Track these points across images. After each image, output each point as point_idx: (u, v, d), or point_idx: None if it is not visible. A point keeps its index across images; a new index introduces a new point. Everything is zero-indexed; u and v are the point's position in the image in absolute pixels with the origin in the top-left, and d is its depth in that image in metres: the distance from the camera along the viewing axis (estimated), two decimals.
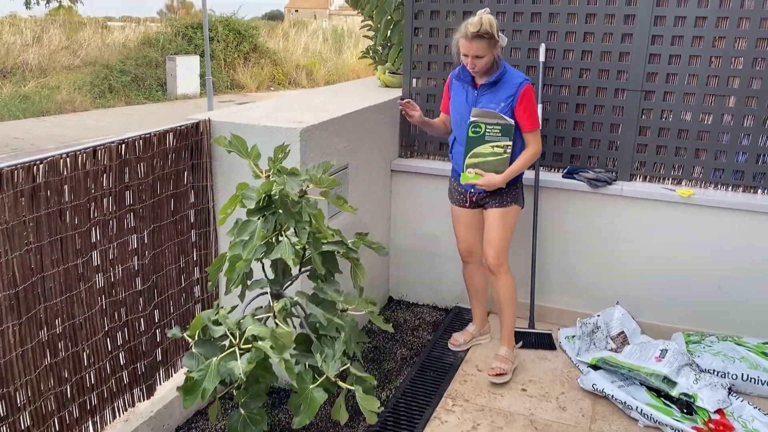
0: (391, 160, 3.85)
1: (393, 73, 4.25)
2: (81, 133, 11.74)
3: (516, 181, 3.11)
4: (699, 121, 3.32)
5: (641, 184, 3.45)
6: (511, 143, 2.97)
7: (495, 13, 3.44)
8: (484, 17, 2.83)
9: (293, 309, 2.19)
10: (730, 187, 3.35)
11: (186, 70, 16.44)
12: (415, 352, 3.45)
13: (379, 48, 4.74)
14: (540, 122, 3.19)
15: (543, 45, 3.44)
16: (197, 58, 16.74)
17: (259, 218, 2.14)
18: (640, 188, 3.40)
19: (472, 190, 3.12)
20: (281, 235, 2.20)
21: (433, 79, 3.79)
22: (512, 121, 2.94)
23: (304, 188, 2.17)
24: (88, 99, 14.58)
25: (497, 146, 2.97)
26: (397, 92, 3.93)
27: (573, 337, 3.44)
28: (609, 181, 3.42)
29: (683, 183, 3.42)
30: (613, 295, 3.55)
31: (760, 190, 3.30)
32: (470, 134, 2.98)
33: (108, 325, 2.45)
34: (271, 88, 18.71)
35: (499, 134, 2.95)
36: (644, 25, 3.29)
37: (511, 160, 3.01)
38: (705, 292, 3.41)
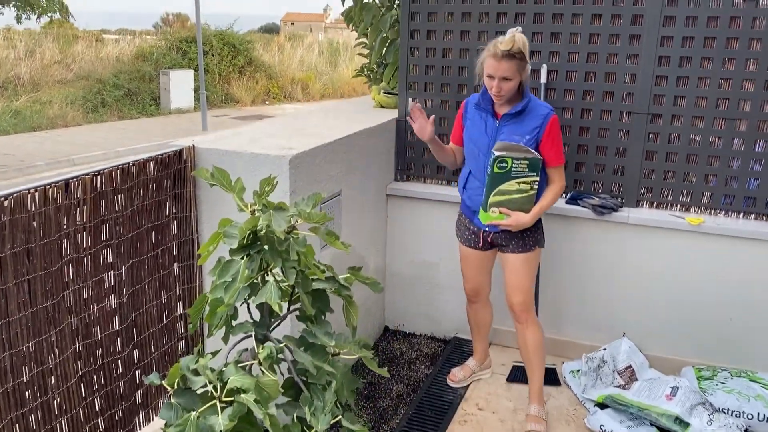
0: (387, 185, 3.69)
1: (388, 93, 4.10)
2: (72, 149, 11.57)
3: (538, 222, 2.85)
4: (708, 146, 3.17)
5: (648, 211, 3.30)
6: (538, 179, 2.69)
7: (494, 33, 3.31)
8: (517, 36, 2.55)
9: (280, 355, 2.02)
10: (741, 214, 3.20)
11: (180, 85, 16.29)
12: (412, 388, 3.27)
13: (374, 66, 4.60)
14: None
15: (544, 66, 3.30)
16: (191, 72, 16.60)
17: (243, 257, 1.98)
18: (647, 215, 3.25)
19: (486, 229, 2.86)
20: (268, 274, 2.04)
21: (430, 100, 3.65)
22: (540, 155, 2.68)
23: (292, 224, 2.01)
24: (81, 114, 14.41)
25: (524, 182, 2.69)
26: (393, 113, 3.78)
27: (578, 371, 3.27)
28: (615, 208, 3.27)
29: (692, 209, 3.27)
30: (619, 326, 3.39)
31: None
32: (495, 170, 2.66)
33: (82, 370, 2.27)
34: (266, 102, 18.59)
35: (527, 169, 2.67)
36: (651, 45, 3.15)
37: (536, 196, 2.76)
38: (715, 324, 3.25)
